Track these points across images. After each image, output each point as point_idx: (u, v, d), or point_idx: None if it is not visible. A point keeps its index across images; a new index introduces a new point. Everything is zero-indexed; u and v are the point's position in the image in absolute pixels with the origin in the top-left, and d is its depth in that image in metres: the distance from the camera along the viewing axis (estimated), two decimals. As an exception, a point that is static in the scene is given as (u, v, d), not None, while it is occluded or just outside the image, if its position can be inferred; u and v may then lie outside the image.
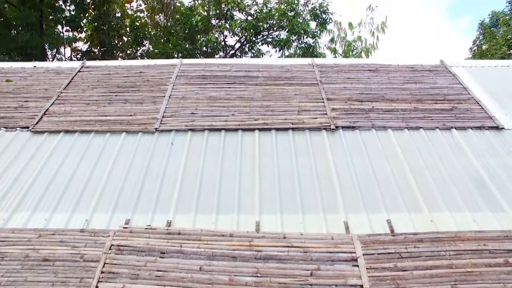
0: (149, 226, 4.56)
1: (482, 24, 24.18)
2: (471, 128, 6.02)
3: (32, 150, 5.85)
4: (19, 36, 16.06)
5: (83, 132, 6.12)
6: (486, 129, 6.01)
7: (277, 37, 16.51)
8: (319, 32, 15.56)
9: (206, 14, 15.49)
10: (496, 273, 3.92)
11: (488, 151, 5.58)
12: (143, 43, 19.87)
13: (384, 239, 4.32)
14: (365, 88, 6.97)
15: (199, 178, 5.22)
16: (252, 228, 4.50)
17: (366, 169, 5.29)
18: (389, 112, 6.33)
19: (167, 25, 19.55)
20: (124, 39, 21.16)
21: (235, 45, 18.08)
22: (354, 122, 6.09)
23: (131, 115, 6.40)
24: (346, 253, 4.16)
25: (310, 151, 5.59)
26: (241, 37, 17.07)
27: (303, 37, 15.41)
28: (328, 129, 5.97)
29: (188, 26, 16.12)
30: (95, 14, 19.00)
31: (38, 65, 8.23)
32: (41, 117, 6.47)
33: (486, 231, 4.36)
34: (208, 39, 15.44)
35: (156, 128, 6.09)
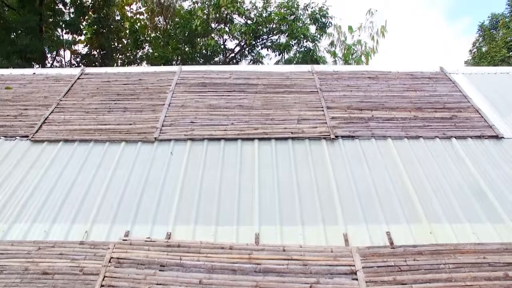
0: (149, 238, 4.56)
1: (481, 26, 24.19)
2: (470, 137, 6.02)
3: (31, 159, 5.85)
4: (18, 39, 16.05)
5: (82, 141, 6.12)
6: (486, 138, 6.01)
7: (276, 41, 16.52)
8: (319, 37, 15.57)
9: (206, 18, 15.47)
10: (496, 286, 3.92)
11: (487, 161, 5.58)
12: (142, 45, 19.87)
13: (384, 251, 4.32)
14: (365, 96, 6.96)
15: (199, 188, 5.21)
16: (252, 240, 4.50)
17: (365, 179, 5.29)
18: (389, 121, 6.33)
19: (166, 28, 19.55)
20: (124, 41, 21.18)
21: (234, 49, 18.10)
22: (353, 132, 6.09)
23: (131, 124, 6.39)
24: (345, 266, 4.16)
25: (309, 161, 5.58)
26: (241, 40, 17.07)
27: (303, 41, 15.41)
28: (327, 138, 5.97)
29: (187, 29, 16.10)
30: (94, 17, 19.01)
31: (38, 71, 8.23)
32: (41, 125, 6.47)
33: (486, 244, 4.35)
34: (207, 43, 15.44)
35: (156, 137, 6.08)
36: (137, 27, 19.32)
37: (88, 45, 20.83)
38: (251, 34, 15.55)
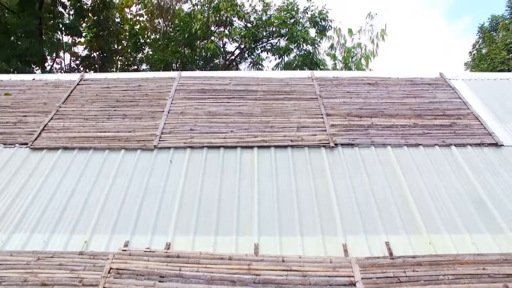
0: (148, 248, 4.56)
1: (481, 28, 24.18)
2: (470, 145, 6.02)
3: (31, 167, 5.84)
4: (18, 43, 16.05)
5: (82, 149, 6.11)
6: (485, 146, 6.01)
7: (276, 44, 16.52)
8: (319, 40, 15.57)
9: (206, 21, 15.46)
10: (495, 298, 3.93)
11: (487, 170, 5.58)
12: (142, 48, 19.87)
13: (383, 262, 4.32)
14: (365, 102, 6.96)
15: (198, 198, 5.21)
16: (251, 250, 4.50)
17: (365, 188, 5.29)
18: (388, 128, 6.32)
19: (166, 31, 19.55)
20: (123, 43, 21.18)
21: (234, 51, 18.11)
22: (353, 139, 6.08)
23: (130, 131, 6.39)
24: (344, 277, 4.15)
25: (309, 170, 5.58)
26: (241, 43, 17.07)
27: (303, 45, 15.40)
28: (327, 146, 5.97)
29: (187, 32, 16.10)
30: (94, 20, 19.01)
31: (37, 77, 8.23)
32: (40, 132, 6.46)
33: (485, 254, 4.35)
34: (207, 47, 15.44)
35: (155, 145, 6.08)
36: (137, 29, 19.32)
37: (88, 48, 20.83)
38: (251, 38, 15.54)
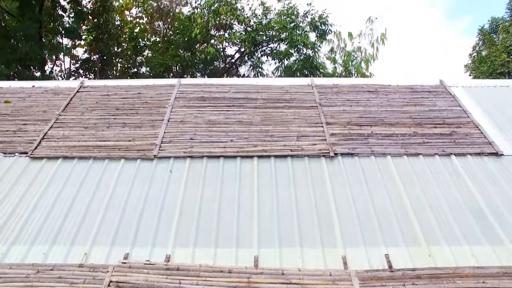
0: (148, 261, 4.55)
1: (481, 30, 24.20)
2: (470, 154, 6.02)
3: (30, 177, 5.83)
4: (18, 46, 16.05)
5: (81, 158, 6.11)
6: (485, 155, 6.00)
7: (276, 49, 16.52)
8: (319, 44, 15.58)
9: (205, 25, 15.47)
10: (495, 312, 3.93)
11: (487, 180, 5.57)
12: (142, 51, 19.88)
13: (382, 275, 4.31)
14: (365, 111, 6.96)
15: (198, 209, 5.20)
16: (251, 263, 4.49)
17: (365, 199, 5.28)
18: (388, 137, 6.32)
19: (166, 33, 19.56)
20: (123, 46, 21.18)
21: (234, 55, 18.10)
22: (353, 149, 6.08)
23: (130, 140, 6.39)
24: (344, 290, 4.15)
25: (309, 180, 5.57)
26: (241, 47, 17.07)
27: (303, 49, 15.40)
28: (327, 156, 5.97)
29: (187, 36, 16.10)
30: (94, 23, 19.02)
31: (37, 84, 8.23)
32: (40, 141, 6.46)
33: (485, 267, 4.34)
34: (207, 51, 15.45)
35: (155, 154, 6.07)
36: (136, 32, 19.33)
37: (88, 51, 20.85)
38: (251, 42, 15.55)
